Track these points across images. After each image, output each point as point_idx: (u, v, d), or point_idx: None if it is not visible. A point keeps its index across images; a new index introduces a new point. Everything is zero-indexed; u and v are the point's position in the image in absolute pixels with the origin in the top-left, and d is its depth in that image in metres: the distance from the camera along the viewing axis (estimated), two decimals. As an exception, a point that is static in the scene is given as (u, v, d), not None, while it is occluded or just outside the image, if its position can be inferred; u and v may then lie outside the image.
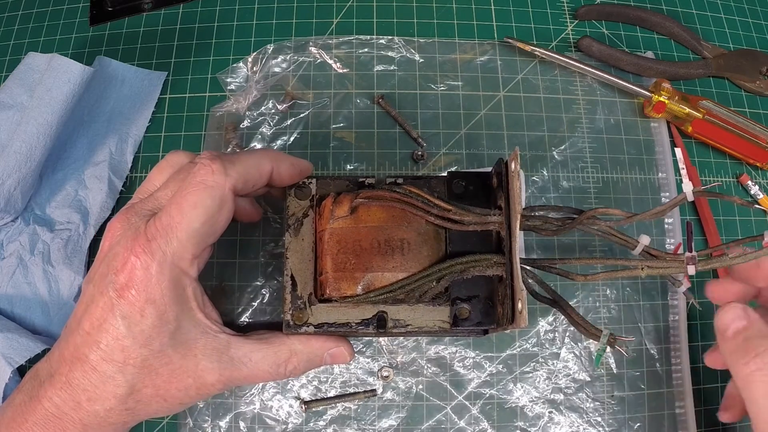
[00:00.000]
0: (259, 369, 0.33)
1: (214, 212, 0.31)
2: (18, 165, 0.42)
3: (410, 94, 0.49)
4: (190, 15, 0.52)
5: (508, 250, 0.32)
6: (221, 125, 0.48)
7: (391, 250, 0.33)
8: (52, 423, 0.30)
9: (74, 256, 0.44)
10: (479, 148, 0.48)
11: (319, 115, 0.48)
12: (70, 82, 0.42)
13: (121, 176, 0.47)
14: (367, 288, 0.33)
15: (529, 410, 0.43)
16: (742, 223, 0.47)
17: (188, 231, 0.30)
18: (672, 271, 0.31)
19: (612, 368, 0.44)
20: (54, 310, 0.44)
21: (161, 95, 0.49)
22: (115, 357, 0.29)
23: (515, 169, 0.31)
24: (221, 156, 0.32)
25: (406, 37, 0.51)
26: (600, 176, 0.48)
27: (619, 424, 0.43)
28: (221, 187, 0.31)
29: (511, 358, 0.44)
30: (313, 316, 0.34)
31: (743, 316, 0.32)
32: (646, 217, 0.34)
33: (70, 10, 0.53)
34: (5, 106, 0.43)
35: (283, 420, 0.42)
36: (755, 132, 0.47)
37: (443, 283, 0.33)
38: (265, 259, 0.45)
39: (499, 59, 0.50)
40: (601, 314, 0.44)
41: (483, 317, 0.33)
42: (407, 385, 0.43)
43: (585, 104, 0.49)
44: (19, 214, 0.45)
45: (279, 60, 0.49)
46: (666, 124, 0.49)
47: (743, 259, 0.28)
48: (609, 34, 0.52)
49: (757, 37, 0.53)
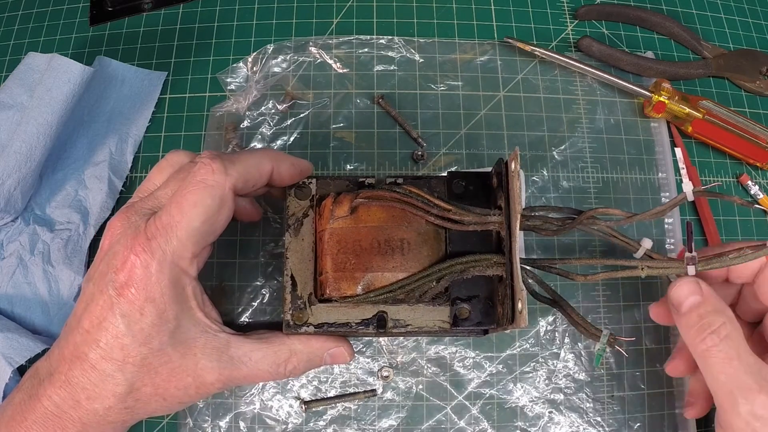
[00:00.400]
0: (259, 368, 0.33)
1: (214, 211, 0.31)
2: (18, 165, 0.42)
3: (410, 94, 0.49)
4: (190, 15, 0.52)
5: (508, 250, 0.32)
6: (221, 125, 0.48)
7: (391, 250, 0.33)
8: (52, 421, 0.30)
9: (74, 256, 0.44)
10: (479, 148, 0.48)
11: (319, 115, 0.48)
12: (70, 82, 0.42)
13: (121, 176, 0.47)
14: (367, 288, 0.33)
15: (529, 410, 0.43)
16: (742, 223, 0.47)
17: (188, 230, 0.30)
18: (672, 271, 0.31)
19: (612, 368, 0.44)
20: (54, 310, 0.44)
21: (161, 95, 0.49)
22: (114, 355, 0.29)
23: (515, 169, 0.31)
24: (221, 155, 0.32)
25: (406, 37, 0.51)
26: (600, 176, 0.48)
27: (619, 424, 0.43)
28: (221, 187, 0.31)
29: (511, 358, 0.44)
30: (313, 316, 0.34)
31: (697, 290, 0.31)
32: (646, 217, 0.34)
33: (70, 10, 0.53)
34: (5, 106, 0.43)
35: (283, 420, 0.42)
36: (755, 132, 0.47)
37: (443, 283, 0.33)
38: (265, 259, 0.45)
39: (499, 59, 0.50)
40: (601, 314, 0.44)
41: (483, 317, 0.33)
42: (407, 385, 0.43)
43: (585, 104, 0.49)
44: (19, 214, 0.45)
45: (279, 60, 0.49)
46: (666, 124, 0.49)
47: (742, 260, 0.29)
48: (609, 34, 0.52)
49: (757, 37, 0.53)
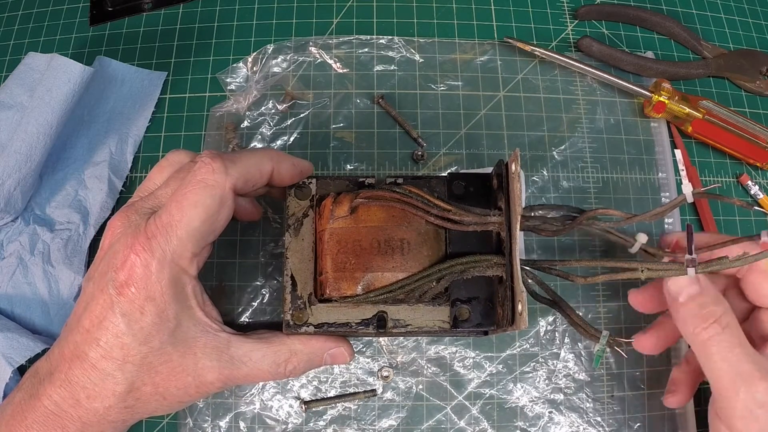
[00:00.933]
0: (259, 368, 0.33)
1: (214, 211, 0.31)
2: (18, 165, 0.42)
3: (410, 94, 0.49)
4: (190, 15, 0.52)
5: (508, 251, 0.32)
6: (221, 125, 0.48)
7: (391, 250, 0.33)
8: (52, 421, 0.30)
9: (74, 256, 0.44)
10: (479, 148, 0.48)
11: (319, 115, 0.48)
12: (70, 82, 0.42)
13: (121, 176, 0.47)
14: (367, 288, 0.33)
15: (529, 410, 0.43)
16: (743, 224, 0.47)
17: (188, 229, 0.30)
18: (672, 273, 0.31)
19: (612, 368, 0.44)
20: (54, 310, 0.44)
21: (161, 95, 0.49)
22: (114, 354, 0.29)
23: (515, 171, 0.31)
24: (222, 155, 0.32)
25: (406, 37, 0.51)
26: (600, 176, 0.48)
27: (619, 424, 0.43)
28: (221, 186, 0.31)
29: (511, 358, 0.44)
30: (313, 316, 0.34)
31: (694, 280, 0.32)
32: (646, 218, 0.34)
33: (70, 10, 0.53)
34: (5, 106, 0.43)
35: (283, 420, 0.42)
36: (755, 132, 0.47)
37: (443, 283, 0.33)
38: (265, 259, 0.45)
39: (499, 59, 0.50)
40: (601, 315, 0.44)
41: (483, 319, 0.33)
42: (407, 385, 0.43)
43: (585, 104, 0.49)
44: (19, 214, 0.45)
45: (279, 60, 0.49)
46: (666, 124, 0.49)
47: (743, 263, 0.29)
48: (609, 34, 0.52)
49: (757, 37, 0.53)
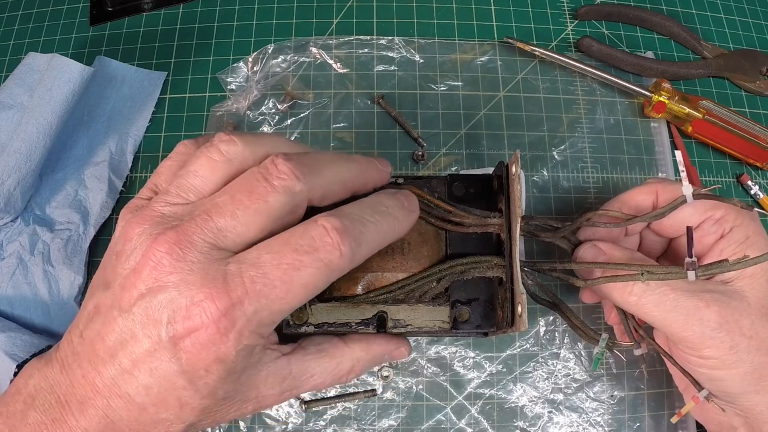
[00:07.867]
0: (321, 382, 0.31)
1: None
2: (18, 165, 0.42)
3: (410, 94, 0.49)
4: (190, 15, 0.52)
5: (508, 253, 0.32)
6: (221, 125, 0.48)
7: (391, 250, 0.33)
8: None
9: (74, 256, 0.44)
10: (479, 148, 0.48)
11: (320, 115, 0.48)
12: (70, 82, 0.42)
13: (121, 176, 0.47)
14: (367, 288, 0.33)
15: (529, 410, 0.43)
16: (742, 224, 0.47)
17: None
18: (672, 276, 0.31)
19: (612, 368, 0.44)
20: (54, 310, 0.43)
21: (161, 95, 0.49)
22: (170, 404, 0.26)
23: (516, 173, 0.31)
24: (343, 220, 0.26)
25: (406, 37, 0.51)
26: (600, 176, 0.48)
27: (619, 424, 0.43)
28: (347, 264, 0.27)
29: (511, 358, 0.44)
30: (313, 316, 0.34)
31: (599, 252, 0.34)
32: (646, 219, 0.34)
33: (70, 10, 0.53)
34: (5, 106, 0.43)
35: (283, 420, 0.42)
36: (755, 132, 0.47)
37: (443, 283, 0.33)
38: (265, 260, 0.45)
39: (499, 59, 0.50)
40: (601, 316, 0.44)
41: (483, 320, 0.33)
42: (407, 385, 0.43)
43: (585, 104, 0.49)
44: (19, 214, 0.45)
45: (279, 60, 0.49)
46: (666, 124, 0.49)
47: (743, 265, 0.28)
48: (609, 34, 0.52)
49: (757, 37, 0.53)
